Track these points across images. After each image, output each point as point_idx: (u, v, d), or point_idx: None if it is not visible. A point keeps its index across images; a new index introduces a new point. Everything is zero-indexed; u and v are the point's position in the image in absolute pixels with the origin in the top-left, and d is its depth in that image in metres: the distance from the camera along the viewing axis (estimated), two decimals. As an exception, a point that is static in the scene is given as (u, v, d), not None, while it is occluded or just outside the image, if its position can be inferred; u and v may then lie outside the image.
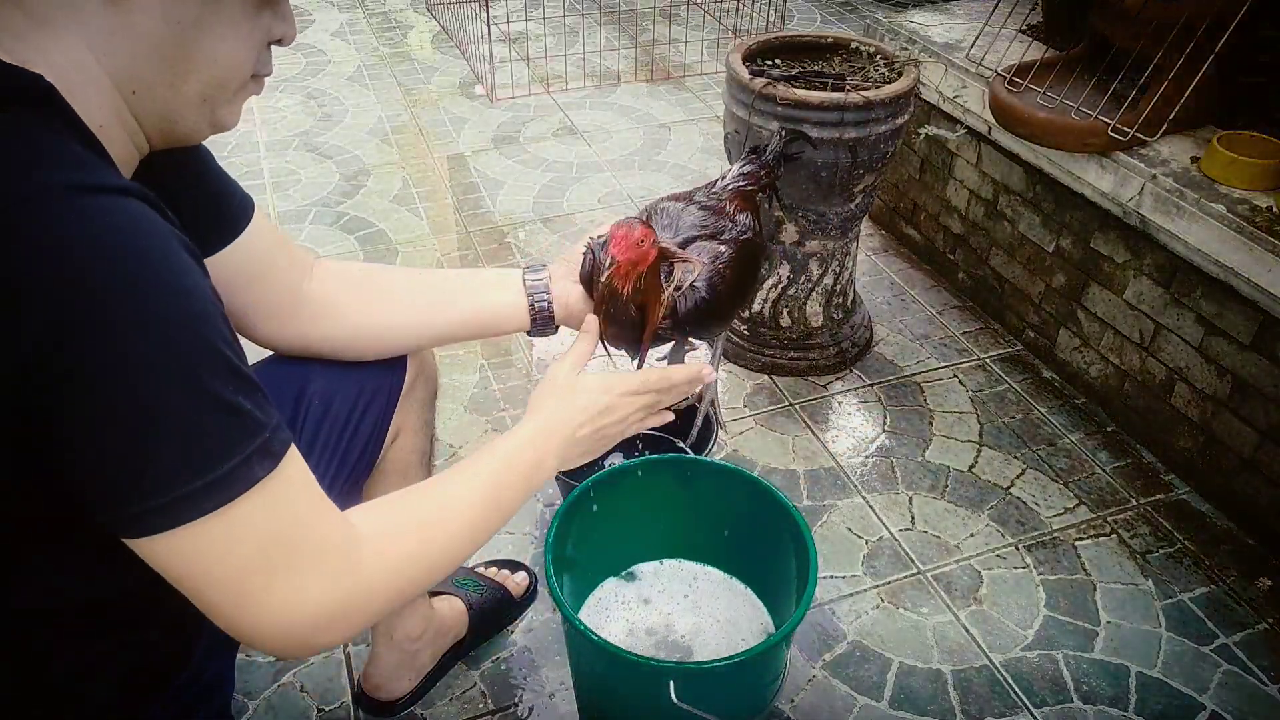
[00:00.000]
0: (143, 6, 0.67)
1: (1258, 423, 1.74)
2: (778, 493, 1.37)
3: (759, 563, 1.48)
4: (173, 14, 0.68)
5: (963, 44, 2.33)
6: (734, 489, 1.43)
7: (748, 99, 1.86)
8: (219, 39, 0.71)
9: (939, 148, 2.43)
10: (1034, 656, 1.58)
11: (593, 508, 1.39)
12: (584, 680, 1.39)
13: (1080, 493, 1.89)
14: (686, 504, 1.48)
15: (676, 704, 1.10)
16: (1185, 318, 1.84)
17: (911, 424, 2.05)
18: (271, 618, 0.70)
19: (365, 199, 2.85)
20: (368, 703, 1.46)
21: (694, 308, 1.07)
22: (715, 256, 1.09)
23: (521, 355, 2.24)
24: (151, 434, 0.62)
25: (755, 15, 3.98)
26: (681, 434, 1.68)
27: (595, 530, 1.40)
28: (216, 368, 0.65)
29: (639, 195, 2.86)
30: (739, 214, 1.15)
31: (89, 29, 0.66)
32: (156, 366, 0.61)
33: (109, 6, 0.66)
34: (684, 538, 1.54)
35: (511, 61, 3.68)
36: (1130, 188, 1.86)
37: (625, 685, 1.25)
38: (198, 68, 0.71)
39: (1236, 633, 1.62)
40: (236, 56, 0.73)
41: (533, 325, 1.13)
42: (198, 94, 0.73)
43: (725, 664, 1.17)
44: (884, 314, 2.39)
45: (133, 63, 0.69)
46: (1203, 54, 1.71)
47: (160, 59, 0.69)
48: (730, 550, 1.52)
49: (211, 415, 0.64)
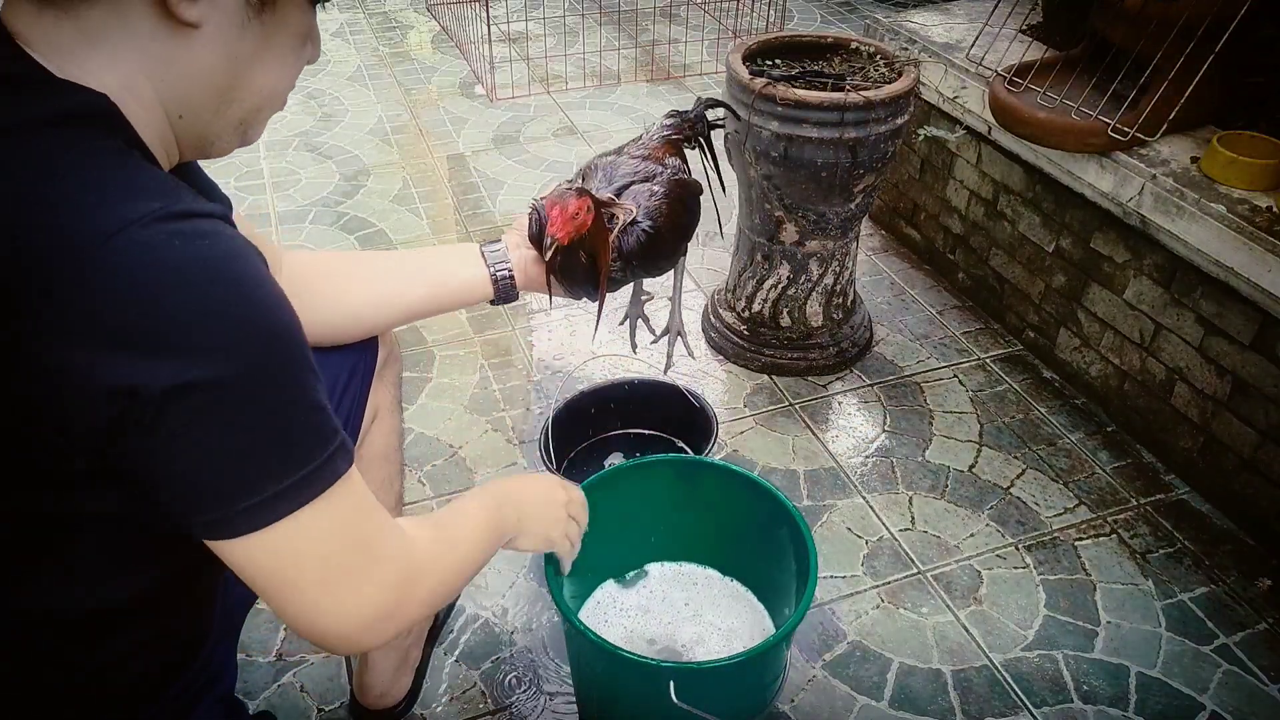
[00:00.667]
0: (205, 40, 0.69)
1: (1258, 423, 1.74)
2: (777, 492, 1.37)
3: (759, 563, 1.48)
4: (233, 50, 0.71)
5: (963, 44, 2.33)
6: (734, 489, 1.43)
7: (748, 99, 1.86)
8: (268, 71, 0.74)
9: (939, 148, 2.43)
10: (1034, 656, 1.58)
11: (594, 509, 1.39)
12: (585, 680, 1.39)
13: (1080, 493, 1.89)
14: (686, 504, 1.48)
15: (677, 704, 1.10)
16: (1185, 318, 1.84)
17: (911, 424, 2.05)
18: (336, 614, 0.74)
19: (365, 199, 2.85)
20: (372, 716, 1.44)
21: (638, 244, 1.17)
22: (651, 195, 1.20)
23: (521, 355, 2.24)
24: (260, 439, 0.66)
25: (755, 15, 3.98)
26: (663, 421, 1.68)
27: (595, 531, 1.40)
28: (310, 370, 0.69)
29: (639, 195, 2.86)
30: (668, 158, 1.26)
31: (146, 54, 0.68)
32: (272, 376, 0.65)
33: (173, 36, 0.68)
34: (684, 538, 1.54)
35: (511, 61, 3.68)
36: (1130, 188, 1.86)
37: (626, 685, 1.25)
38: (244, 96, 0.74)
39: (1236, 633, 1.62)
40: (280, 85, 0.77)
41: (496, 294, 1.18)
42: (239, 118, 0.76)
43: (725, 664, 1.18)
44: (884, 314, 2.39)
45: (186, 90, 0.71)
46: (1203, 54, 1.71)
47: (213, 88, 0.72)
48: (730, 551, 1.52)
49: (307, 415, 0.69)
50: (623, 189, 1.20)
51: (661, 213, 1.19)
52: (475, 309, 2.36)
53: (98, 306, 0.59)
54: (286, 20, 0.74)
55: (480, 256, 1.17)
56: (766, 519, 1.38)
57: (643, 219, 1.17)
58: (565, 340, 2.28)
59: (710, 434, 1.70)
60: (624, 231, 1.16)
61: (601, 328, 1.43)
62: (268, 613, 1.62)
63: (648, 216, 1.18)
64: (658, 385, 1.83)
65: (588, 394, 1.81)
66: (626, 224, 1.16)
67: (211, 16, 0.68)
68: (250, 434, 0.65)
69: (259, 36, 0.72)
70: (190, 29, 0.68)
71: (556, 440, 1.70)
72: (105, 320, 0.59)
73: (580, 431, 1.84)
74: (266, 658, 1.55)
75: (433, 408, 2.08)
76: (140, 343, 0.60)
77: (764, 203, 2.01)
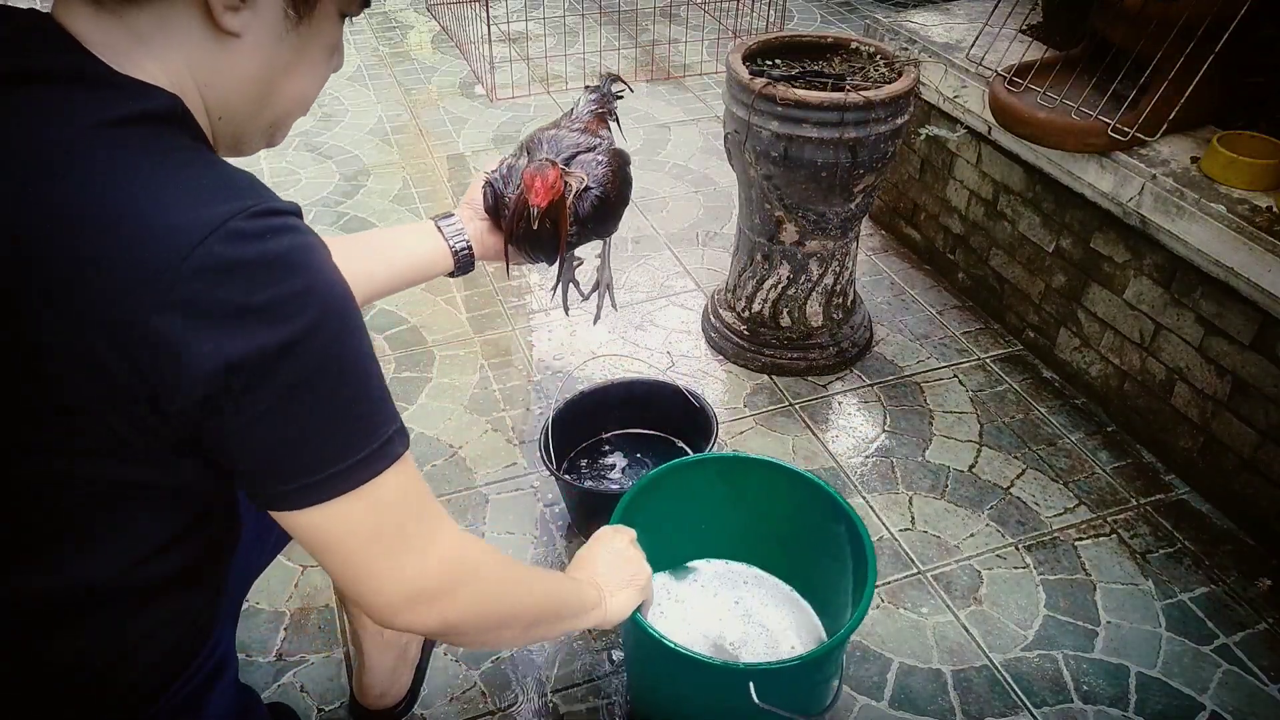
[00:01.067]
0: (247, 49, 0.74)
1: (1258, 423, 1.74)
2: (830, 489, 1.40)
3: (807, 560, 1.50)
4: (271, 58, 0.76)
5: (963, 44, 2.33)
6: (782, 486, 1.46)
7: (748, 99, 1.86)
8: (300, 78, 0.79)
9: (939, 148, 2.43)
10: (1034, 656, 1.58)
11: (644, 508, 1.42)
12: (649, 683, 1.40)
13: (1080, 493, 1.89)
14: (734, 501, 1.50)
15: (759, 705, 1.15)
16: (1185, 318, 1.84)
17: (911, 424, 2.05)
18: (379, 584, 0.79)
19: (365, 199, 2.85)
20: (372, 716, 1.44)
21: (592, 208, 1.28)
22: (598, 164, 1.31)
23: (521, 355, 2.24)
24: (336, 418, 0.72)
25: (755, 15, 3.98)
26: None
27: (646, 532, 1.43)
28: (373, 359, 0.75)
29: (639, 195, 2.86)
30: (600, 129, 1.38)
31: (192, 59, 0.72)
32: (348, 360, 0.72)
33: (216, 43, 0.72)
34: (730, 536, 1.56)
35: (511, 61, 3.68)
36: (1130, 188, 1.86)
37: (701, 689, 1.28)
38: (277, 102, 0.79)
39: (1236, 633, 1.62)
40: (310, 92, 0.82)
41: (456, 266, 1.24)
42: (270, 121, 0.81)
43: (798, 662, 1.26)
44: (884, 314, 2.39)
45: (227, 94, 0.76)
46: (1203, 54, 1.71)
47: (251, 93, 0.77)
48: (777, 548, 1.54)
49: (374, 399, 0.74)
50: (570, 159, 1.29)
51: (609, 179, 1.30)
52: (475, 309, 2.37)
53: (203, 291, 0.64)
54: (319, 31, 0.78)
55: (437, 231, 1.22)
56: (820, 516, 1.41)
57: (594, 186, 1.28)
58: (565, 340, 2.28)
59: (710, 434, 1.70)
60: (578, 198, 1.26)
61: (601, 328, 1.45)
62: (268, 613, 1.62)
63: (598, 184, 1.28)
64: (657, 385, 1.84)
65: (588, 394, 1.82)
66: (579, 191, 1.26)
67: (252, 26, 0.73)
68: (332, 416, 0.71)
69: (294, 46, 0.77)
70: (233, 38, 0.72)
71: (556, 440, 1.70)
72: (210, 303, 0.64)
73: (580, 431, 1.84)
74: (266, 658, 1.55)
75: (433, 408, 2.08)
76: (238, 325, 0.65)
77: (764, 203, 2.01)
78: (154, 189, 0.66)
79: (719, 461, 1.51)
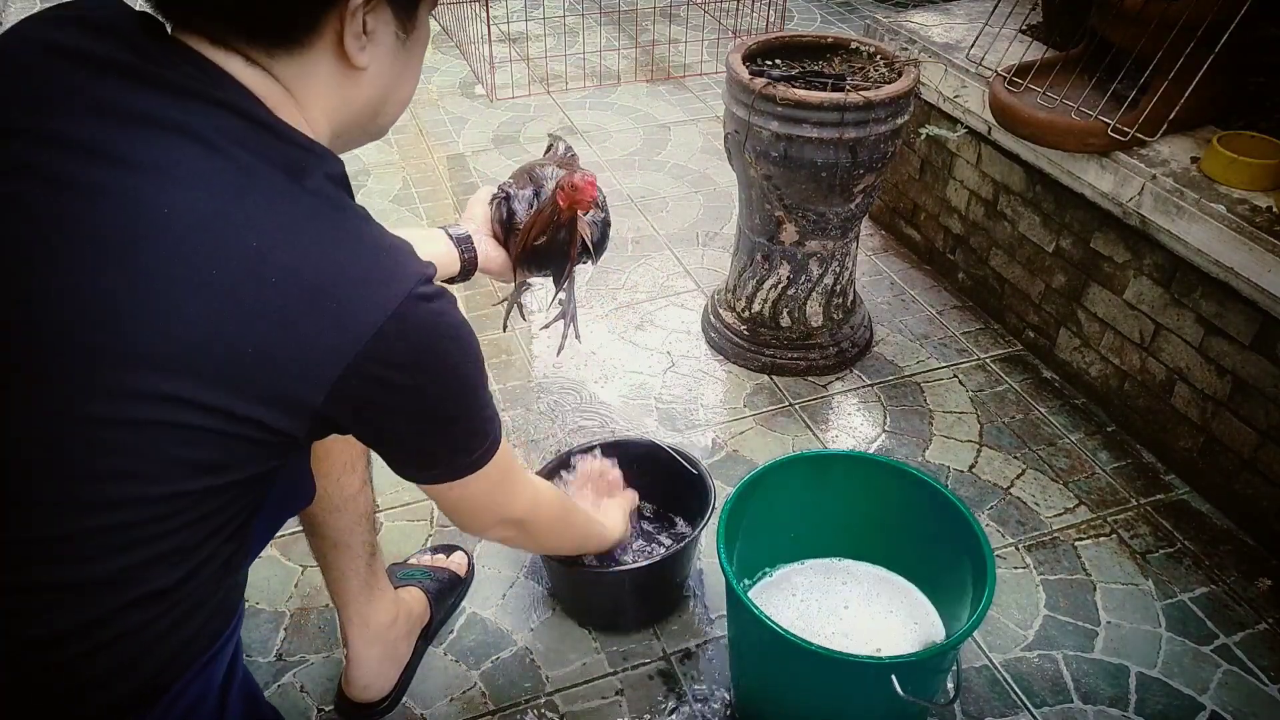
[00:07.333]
0: (370, 77, 0.81)
1: (1258, 423, 1.74)
2: (948, 492, 1.43)
3: (917, 554, 1.54)
4: (388, 79, 0.83)
5: (963, 44, 2.33)
6: (893, 484, 1.49)
7: (748, 99, 1.86)
8: (409, 82, 0.87)
9: (939, 148, 2.43)
10: (1034, 656, 1.58)
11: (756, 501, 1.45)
12: (768, 681, 1.42)
13: (1080, 493, 1.89)
14: (832, 496, 1.54)
15: (902, 695, 1.20)
16: (1185, 318, 1.84)
17: (911, 424, 2.05)
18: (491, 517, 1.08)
19: (365, 199, 2.85)
20: (354, 709, 1.45)
21: (599, 229, 1.35)
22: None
23: (521, 355, 2.24)
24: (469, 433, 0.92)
25: (755, 15, 3.98)
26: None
27: (759, 524, 1.48)
28: (486, 387, 0.92)
29: (639, 195, 2.86)
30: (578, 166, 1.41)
31: (327, 98, 0.80)
32: (475, 391, 0.90)
33: (346, 78, 0.80)
34: (837, 533, 1.58)
35: (511, 61, 3.68)
36: (1130, 188, 1.86)
37: (838, 685, 1.32)
38: (390, 109, 0.88)
39: (1236, 633, 1.62)
40: (413, 91, 0.90)
41: (460, 272, 1.29)
42: (380, 126, 0.89)
43: (933, 652, 1.36)
44: (884, 314, 2.39)
45: (350, 118, 0.84)
46: (1203, 54, 1.71)
47: (370, 110, 0.85)
48: (883, 543, 1.57)
49: (489, 412, 0.94)
50: None
51: (607, 206, 1.36)
52: (475, 310, 2.37)
53: (390, 347, 0.76)
54: (421, 38, 0.85)
55: (446, 237, 1.26)
56: (929, 511, 1.44)
57: (601, 210, 1.34)
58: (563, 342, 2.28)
59: (708, 505, 1.58)
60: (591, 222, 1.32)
61: (601, 328, 1.47)
62: (268, 613, 1.63)
63: (599, 208, 1.33)
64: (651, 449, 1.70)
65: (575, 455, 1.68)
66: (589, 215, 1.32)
67: (376, 54, 0.79)
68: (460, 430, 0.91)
69: (404, 60, 0.84)
70: (360, 72, 0.79)
71: None
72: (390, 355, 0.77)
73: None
74: (266, 658, 1.55)
75: (433, 408, 2.07)
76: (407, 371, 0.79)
77: (764, 203, 2.01)
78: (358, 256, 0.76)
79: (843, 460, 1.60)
